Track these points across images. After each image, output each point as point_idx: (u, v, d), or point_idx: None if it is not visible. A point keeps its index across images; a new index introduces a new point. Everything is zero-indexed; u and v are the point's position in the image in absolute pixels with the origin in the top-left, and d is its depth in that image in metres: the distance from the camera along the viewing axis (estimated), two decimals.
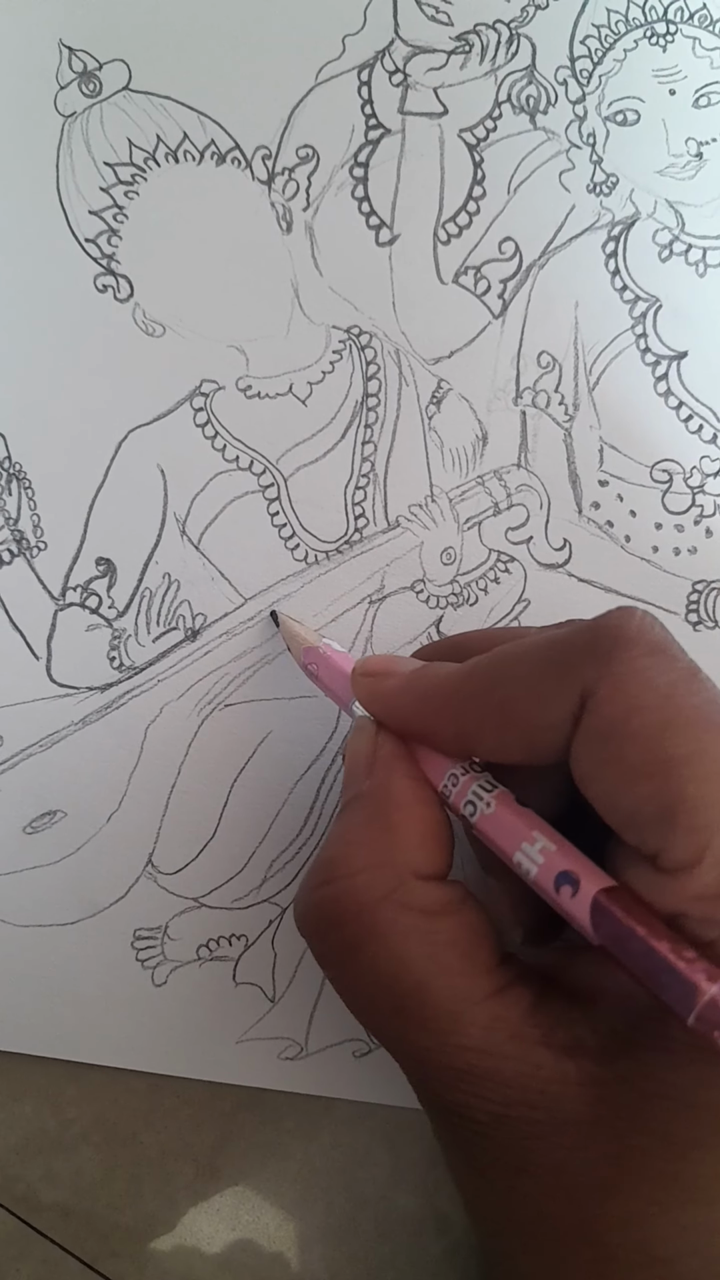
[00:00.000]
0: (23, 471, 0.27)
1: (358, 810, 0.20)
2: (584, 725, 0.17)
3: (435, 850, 0.19)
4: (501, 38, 0.27)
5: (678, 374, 0.28)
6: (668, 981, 0.15)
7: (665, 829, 0.16)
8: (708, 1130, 0.17)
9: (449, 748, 0.20)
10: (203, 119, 0.27)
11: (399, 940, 0.18)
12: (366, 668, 0.23)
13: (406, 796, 0.20)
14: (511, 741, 0.19)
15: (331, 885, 0.19)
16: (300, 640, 0.26)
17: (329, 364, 0.28)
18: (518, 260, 0.28)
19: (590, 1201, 0.17)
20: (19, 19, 0.26)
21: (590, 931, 0.17)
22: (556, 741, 0.18)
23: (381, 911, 0.18)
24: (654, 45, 0.27)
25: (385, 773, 0.21)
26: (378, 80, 0.27)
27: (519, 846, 0.18)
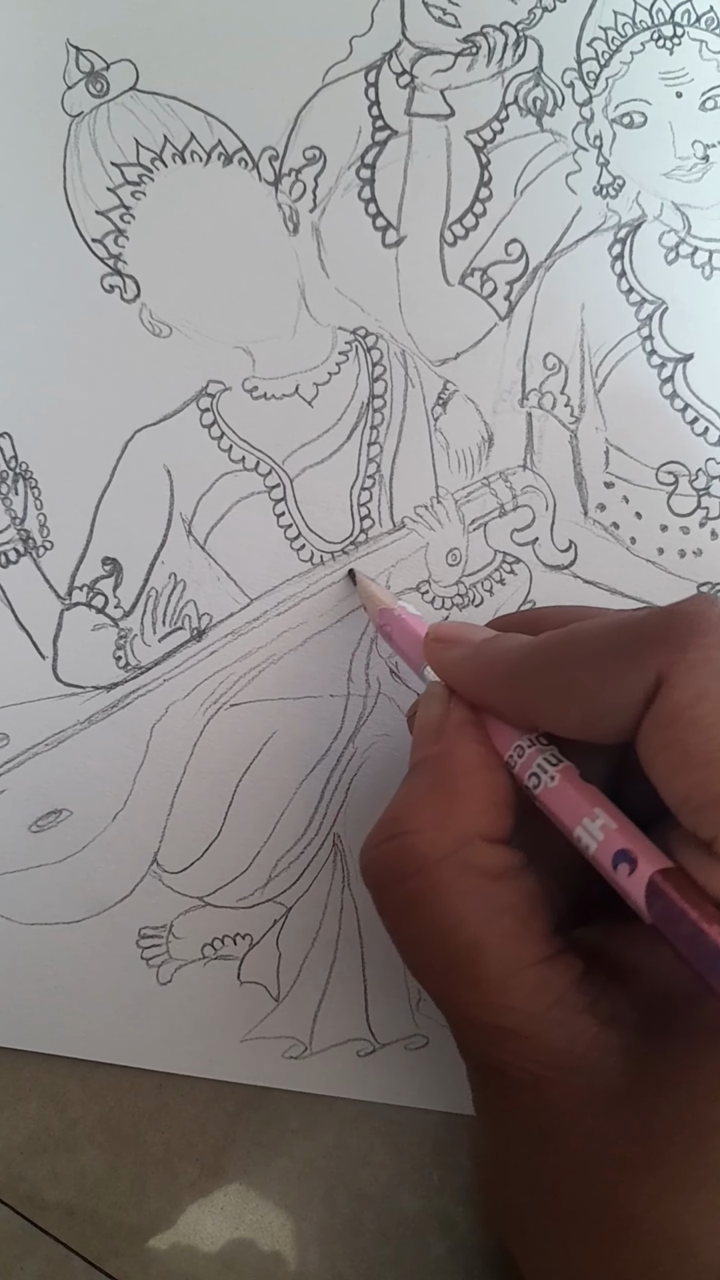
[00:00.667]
0: (29, 471, 0.27)
1: (426, 772, 0.21)
2: (654, 709, 0.17)
3: (499, 815, 0.20)
4: (509, 40, 0.27)
5: (684, 376, 0.28)
6: (715, 965, 0.15)
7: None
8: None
9: (513, 719, 0.21)
10: (210, 120, 0.27)
11: (458, 899, 0.19)
12: (439, 633, 0.23)
13: (473, 762, 0.20)
14: (574, 718, 0.19)
15: (396, 840, 0.20)
16: (376, 601, 0.26)
17: (335, 365, 0.28)
18: (524, 262, 0.28)
19: (612, 1172, 0.17)
20: (27, 19, 0.26)
21: (644, 910, 0.17)
22: (621, 722, 0.18)
23: (443, 869, 0.19)
24: (661, 48, 0.27)
25: (454, 738, 0.21)
26: (385, 82, 0.27)
27: (580, 822, 0.18)
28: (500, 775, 0.20)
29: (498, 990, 0.18)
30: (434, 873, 0.19)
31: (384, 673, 0.28)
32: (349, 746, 0.28)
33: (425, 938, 0.19)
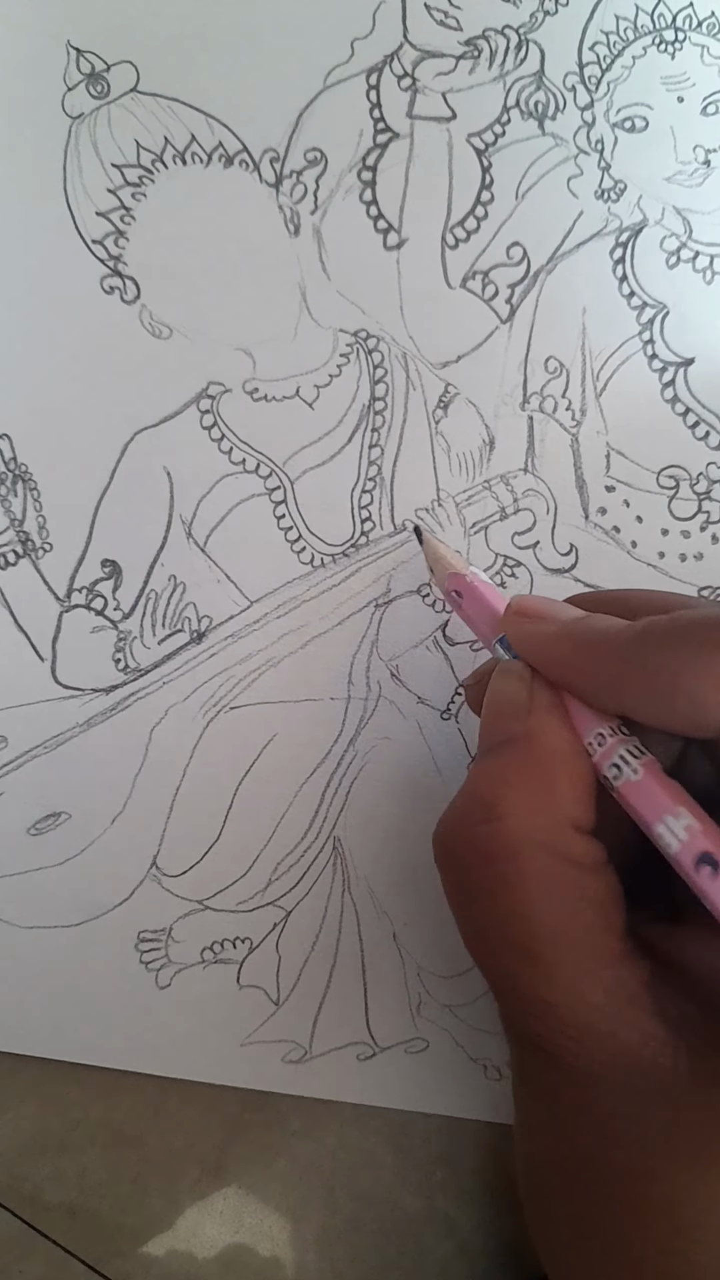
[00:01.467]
0: (28, 473, 0.27)
1: (514, 753, 0.20)
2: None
3: (589, 804, 0.19)
4: (510, 43, 0.27)
5: (685, 380, 0.28)
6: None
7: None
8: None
9: (599, 704, 0.20)
10: (210, 121, 0.27)
11: (547, 887, 0.18)
12: (523, 607, 0.22)
13: (564, 747, 0.20)
14: (677, 713, 0.18)
15: (489, 824, 0.19)
16: (446, 564, 0.25)
17: (336, 367, 0.28)
18: (525, 266, 0.28)
19: (675, 1169, 0.17)
20: (27, 20, 0.26)
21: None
22: (715, 721, 0.17)
23: (537, 856, 0.18)
24: (662, 52, 0.27)
25: (545, 719, 0.20)
26: (386, 84, 0.27)
27: (662, 818, 0.18)
28: (588, 763, 0.20)
29: (577, 984, 0.18)
30: (527, 859, 0.18)
31: (384, 676, 0.28)
32: (349, 750, 0.28)
33: (503, 924, 0.19)
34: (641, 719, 0.19)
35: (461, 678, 0.28)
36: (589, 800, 0.19)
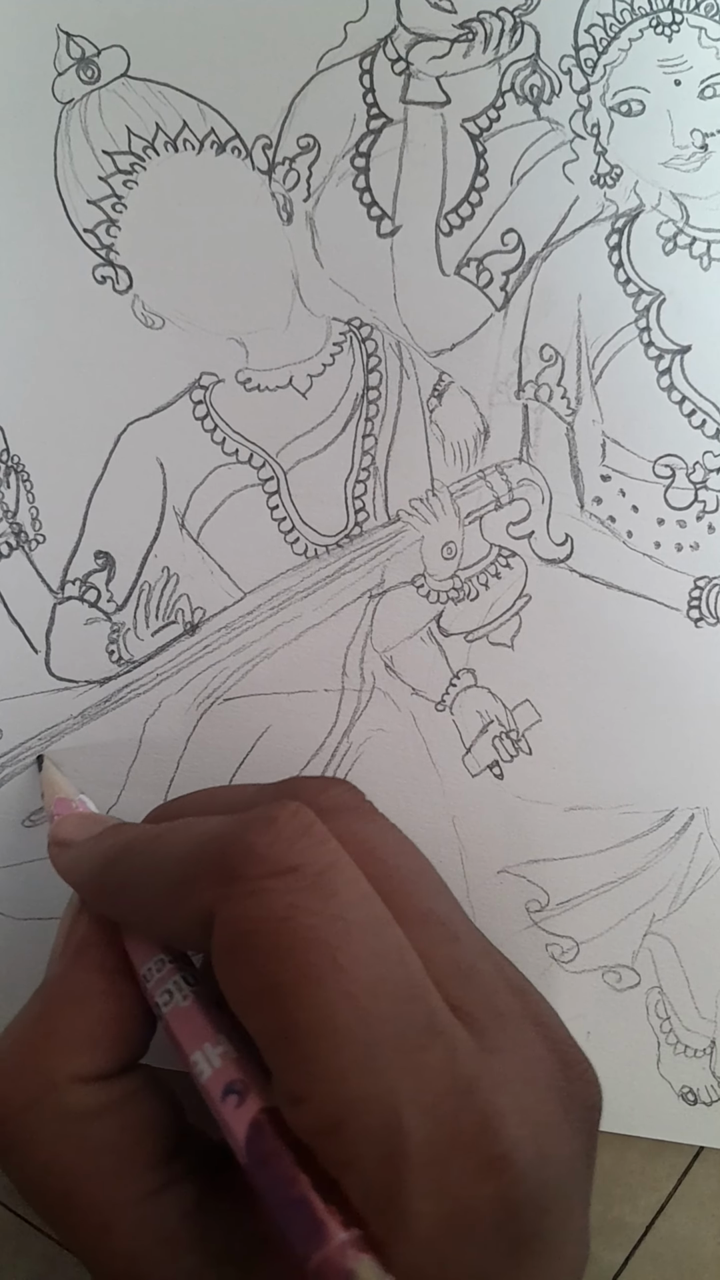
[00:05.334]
0: (21, 464, 0.27)
1: (33, 1003, 0.20)
2: (213, 945, 0.17)
3: (104, 1049, 0.19)
4: (505, 26, 0.27)
5: (681, 368, 0.28)
6: (299, 1217, 0.15)
7: (280, 1059, 0.16)
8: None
9: (125, 928, 0.20)
10: (202, 107, 0.26)
11: (46, 1147, 0.18)
12: (53, 834, 0.23)
13: (83, 990, 0.19)
14: (157, 935, 0.19)
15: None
16: (57, 789, 0.25)
17: (329, 356, 0.27)
18: (520, 252, 0.27)
19: None
20: (16, 4, 0.26)
21: (243, 1149, 0.16)
22: (197, 944, 0.17)
23: (25, 1119, 0.18)
24: (659, 35, 0.27)
25: (69, 961, 0.20)
26: (380, 69, 0.27)
27: (201, 1046, 0.18)
28: (115, 1003, 0.19)
29: (98, 1237, 0.17)
30: (15, 1122, 0.18)
31: (379, 667, 0.28)
32: (343, 741, 0.28)
33: (24, 1184, 0.18)
34: (149, 936, 0.19)
35: (456, 668, 0.28)
36: (103, 1043, 0.19)
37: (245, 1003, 0.16)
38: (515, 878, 0.28)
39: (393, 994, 0.16)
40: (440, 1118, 0.15)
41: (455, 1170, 0.15)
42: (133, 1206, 0.18)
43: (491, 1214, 0.15)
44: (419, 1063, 0.16)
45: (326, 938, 0.16)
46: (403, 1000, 0.16)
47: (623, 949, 0.29)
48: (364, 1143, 0.15)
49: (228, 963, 0.16)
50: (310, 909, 0.16)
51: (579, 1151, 0.18)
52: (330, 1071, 0.15)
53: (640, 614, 0.28)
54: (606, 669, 0.28)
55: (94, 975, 0.20)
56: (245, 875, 0.17)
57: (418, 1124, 0.15)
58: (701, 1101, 0.28)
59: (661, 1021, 0.28)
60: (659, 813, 0.29)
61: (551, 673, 0.28)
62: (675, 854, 0.29)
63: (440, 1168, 0.15)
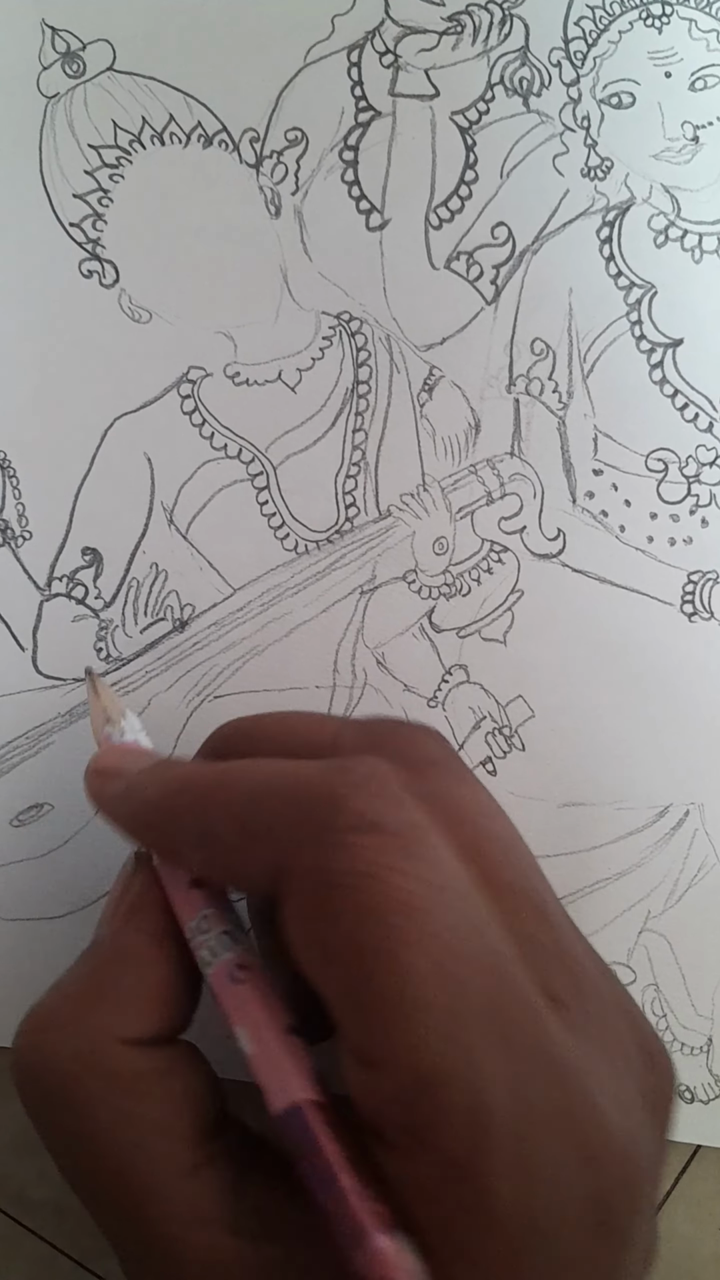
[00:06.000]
0: (7, 460, 0.27)
1: (84, 960, 0.20)
2: (288, 899, 0.16)
3: (152, 1013, 0.18)
4: (494, 18, 0.27)
5: (673, 361, 0.28)
6: (343, 1215, 0.15)
7: (359, 1021, 0.15)
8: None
9: (173, 864, 0.20)
10: (189, 100, 0.26)
11: (86, 1105, 0.17)
12: (98, 765, 0.22)
13: (135, 951, 0.19)
14: (221, 878, 0.18)
15: (31, 1035, 0.18)
16: (105, 715, 0.23)
17: (319, 350, 0.27)
18: (511, 245, 0.27)
19: None
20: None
21: (286, 1137, 0.16)
22: (263, 891, 0.17)
23: (75, 1075, 0.18)
24: (649, 26, 0.27)
25: (122, 922, 0.20)
26: (368, 61, 0.26)
27: (236, 1025, 0.17)
28: (164, 970, 0.19)
29: (134, 1207, 0.17)
30: (67, 1077, 0.18)
31: (370, 663, 0.28)
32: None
33: (60, 1143, 0.18)
34: (206, 878, 0.19)
35: (448, 664, 0.28)
36: (151, 1007, 0.18)
37: (321, 959, 0.16)
38: None
39: (480, 965, 0.16)
40: (527, 1098, 0.15)
41: (540, 1153, 0.15)
42: (171, 1180, 0.17)
43: (580, 1205, 0.15)
44: (506, 1038, 0.15)
45: (415, 900, 0.15)
46: (490, 973, 0.16)
47: (618, 946, 0.28)
48: (445, 1116, 0.15)
49: (305, 916, 0.16)
50: (399, 869, 0.16)
51: (660, 1146, 0.17)
52: (413, 1039, 0.15)
53: (633, 609, 0.28)
54: (600, 664, 0.28)
55: (145, 938, 0.19)
56: (331, 827, 0.16)
57: (503, 1102, 0.15)
58: (699, 1100, 0.28)
59: (658, 1019, 0.28)
60: (653, 809, 0.28)
61: (544, 668, 0.28)
62: (670, 850, 0.28)
63: (526, 1149, 0.15)
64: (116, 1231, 0.18)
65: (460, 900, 0.16)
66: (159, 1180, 0.17)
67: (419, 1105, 0.15)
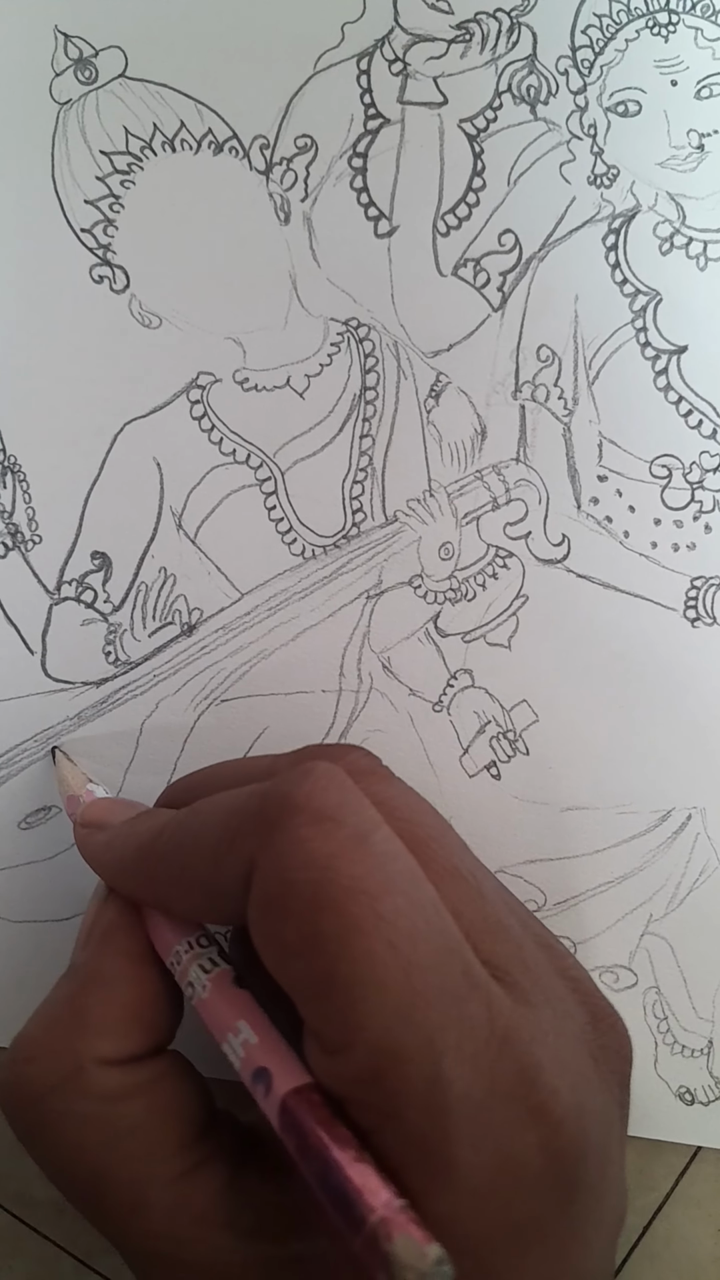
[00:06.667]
0: (17, 464, 0.27)
1: (62, 985, 0.20)
2: (250, 897, 0.17)
3: (131, 1032, 0.19)
4: (502, 26, 0.27)
5: (678, 368, 0.28)
6: (341, 1199, 0.15)
7: (319, 1008, 0.16)
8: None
9: (159, 909, 0.20)
10: (200, 107, 0.26)
11: (74, 1128, 0.18)
12: (84, 816, 0.22)
13: (111, 974, 0.20)
14: (197, 908, 0.19)
15: (14, 1067, 0.19)
16: (65, 785, 0.25)
17: (327, 356, 0.27)
18: (517, 253, 0.27)
19: None
20: (14, 4, 0.26)
21: (279, 1134, 0.16)
22: (238, 909, 0.17)
23: (52, 1101, 0.18)
24: (656, 35, 0.27)
25: (97, 947, 0.20)
26: (377, 69, 0.27)
27: (225, 1038, 0.18)
28: (141, 988, 0.19)
29: (129, 1216, 0.18)
30: (43, 1104, 0.18)
31: (376, 668, 0.28)
32: (341, 742, 0.28)
33: (54, 1166, 0.18)
34: (184, 916, 0.19)
35: (454, 669, 0.28)
36: (130, 1027, 0.19)
37: (284, 954, 0.16)
38: (512, 878, 0.28)
39: (432, 946, 0.16)
40: (480, 1068, 0.15)
41: (497, 1119, 0.15)
42: (164, 1186, 0.18)
43: (534, 1161, 0.15)
44: (459, 1014, 0.16)
45: (368, 888, 0.16)
46: (441, 952, 0.16)
47: (620, 949, 0.29)
48: (406, 1092, 0.15)
49: (267, 914, 0.16)
50: (350, 859, 0.16)
51: (612, 1101, 0.18)
52: (372, 1021, 0.15)
53: (637, 614, 0.28)
54: (603, 669, 0.28)
55: (121, 960, 0.20)
56: (284, 824, 0.17)
57: (459, 1074, 0.15)
58: (699, 1101, 0.28)
59: (659, 1022, 0.28)
60: (656, 813, 0.29)
61: (548, 673, 0.28)
62: (672, 854, 0.29)
63: (482, 1117, 0.15)
64: (119, 1241, 0.18)
65: (410, 886, 0.17)
66: (152, 1189, 0.18)
67: (381, 1084, 0.15)
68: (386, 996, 0.15)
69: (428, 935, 0.16)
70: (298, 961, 0.16)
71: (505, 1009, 0.16)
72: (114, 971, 0.20)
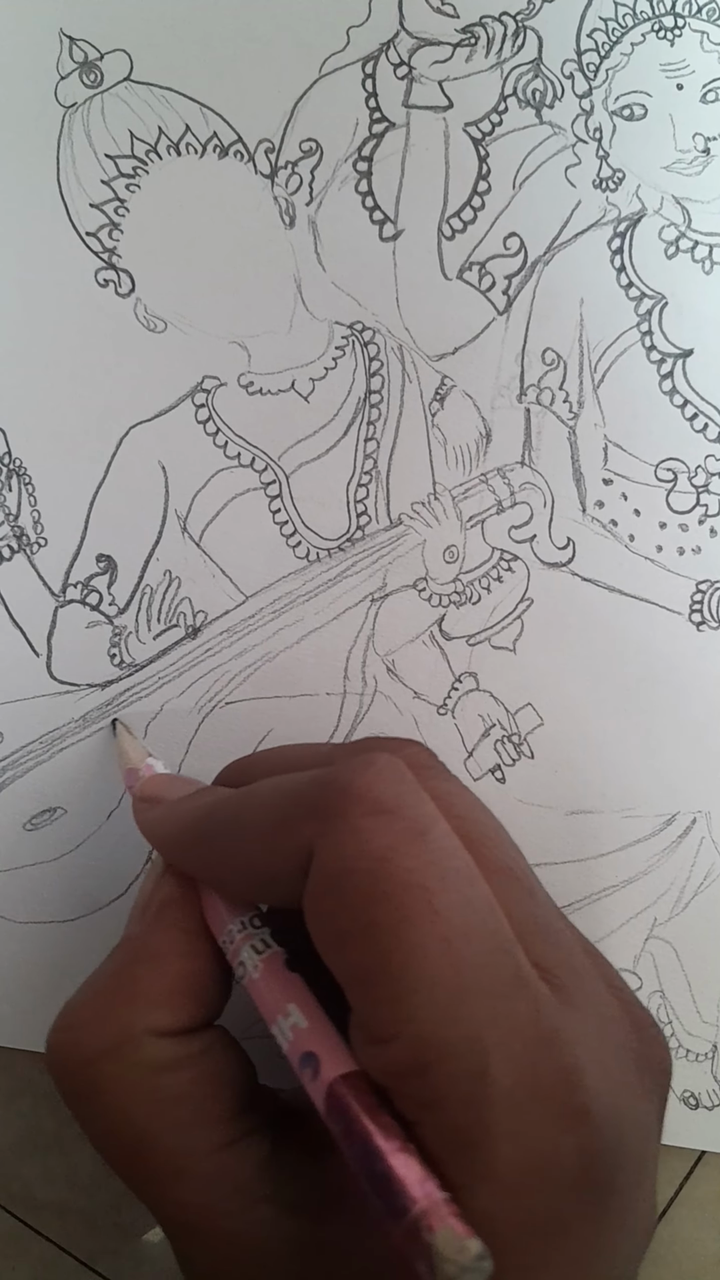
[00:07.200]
0: (23, 467, 0.27)
1: (115, 957, 0.20)
2: (307, 885, 0.17)
3: (182, 1006, 0.19)
4: (508, 30, 0.27)
5: (683, 372, 0.28)
6: (384, 1188, 0.15)
7: (369, 997, 0.16)
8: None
9: (212, 886, 0.20)
10: (205, 111, 0.27)
11: (122, 1095, 0.18)
12: (142, 790, 0.23)
13: (165, 948, 0.20)
14: (250, 888, 0.19)
15: (62, 1032, 0.19)
16: (124, 759, 0.25)
17: (332, 360, 0.27)
18: (523, 256, 0.27)
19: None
20: (19, 7, 0.26)
21: (325, 1119, 0.16)
22: (292, 892, 0.17)
23: (104, 1066, 0.18)
24: (661, 39, 0.27)
25: (152, 920, 0.20)
26: (382, 73, 0.27)
27: (275, 1020, 0.18)
28: (194, 962, 0.20)
29: (171, 1184, 0.18)
30: (94, 1069, 0.18)
31: (380, 671, 0.28)
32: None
33: (99, 1132, 0.19)
34: (234, 897, 0.20)
35: (458, 672, 0.28)
36: (182, 1000, 0.19)
37: (336, 942, 0.16)
38: None
39: (483, 943, 0.16)
40: (524, 1066, 0.16)
41: (536, 1117, 0.15)
42: (207, 1156, 0.18)
43: (570, 1162, 0.15)
44: (506, 1011, 0.16)
45: (423, 881, 0.16)
46: (492, 950, 0.16)
47: (625, 953, 0.29)
48: (450, 1085, 0.15)
49: (322, 901, 0.17)
50: (408, 852, 0.16)
51: (651, 1111, 0.18)
52: (421, 1013, 0.15)
53: (642, 618, 0.28)
54: (608, 672, 0.28)
55: (175, 934, 0.20)
56: (344, 814, 0.17)
57: (503, 1071, 0.15)
58: (703, 1106, 0.28)
59: (663, 1026, 0.28)
60: (661, 817, 0.29)
61: (553, 676, 0.28)
62: (677, 858, 0.29)
63: (522, 1114, 0.15)
64: (157, 1207, 0.18)
65: (465, 883, 0.17)
66: (195, 1159, 0.18)
67: (425, 1076, 0.15)
68: (436, 991, 0.15)
69: (480, 932, 0.16)
70: (350, 950, 0.16)
71: (551, 1010, 0.16)
72: (168, 945, 0.20)
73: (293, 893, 0.17)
